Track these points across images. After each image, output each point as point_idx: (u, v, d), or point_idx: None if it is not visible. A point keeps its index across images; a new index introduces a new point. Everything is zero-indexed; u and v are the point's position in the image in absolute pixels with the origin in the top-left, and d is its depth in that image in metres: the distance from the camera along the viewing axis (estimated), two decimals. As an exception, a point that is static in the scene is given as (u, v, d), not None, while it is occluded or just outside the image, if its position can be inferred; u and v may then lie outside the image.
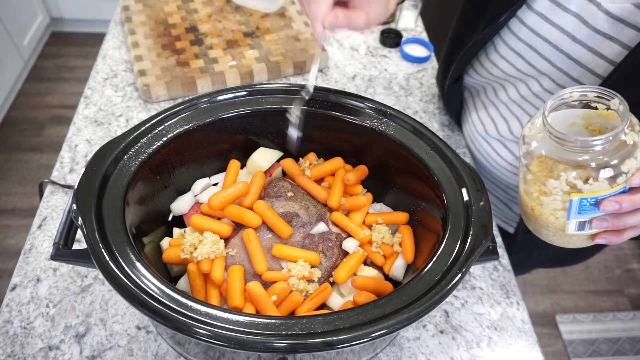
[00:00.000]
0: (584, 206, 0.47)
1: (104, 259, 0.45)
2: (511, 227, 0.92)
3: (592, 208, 0.47)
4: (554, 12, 0.63)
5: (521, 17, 0.68)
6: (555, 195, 0.48)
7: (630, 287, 1.81)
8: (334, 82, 1.04)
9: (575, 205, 0.47)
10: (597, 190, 0.46)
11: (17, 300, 0.66)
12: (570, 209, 0.48)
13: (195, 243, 0.56)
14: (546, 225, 0.52)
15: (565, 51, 0.64)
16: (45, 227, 0.74)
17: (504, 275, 0.73)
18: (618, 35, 0.58)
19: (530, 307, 1.71)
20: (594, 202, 0.46)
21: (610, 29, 0.58)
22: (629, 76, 0.57)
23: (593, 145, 0.44)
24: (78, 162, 0.84)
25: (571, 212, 0.48)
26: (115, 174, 0.54)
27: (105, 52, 1.07)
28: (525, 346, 0.65)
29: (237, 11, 1.14)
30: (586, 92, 0.48)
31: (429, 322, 0.67)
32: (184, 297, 0.44)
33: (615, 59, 0.59)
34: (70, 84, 2.43)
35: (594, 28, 0.59)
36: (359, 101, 0.64)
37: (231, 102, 0.63)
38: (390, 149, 0.62)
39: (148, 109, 0.94)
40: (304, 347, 0.41)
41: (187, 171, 0.65)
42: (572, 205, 0.47)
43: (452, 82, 0.86)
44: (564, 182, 0.47)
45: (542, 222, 0.52)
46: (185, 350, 0.58)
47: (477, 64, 0.81)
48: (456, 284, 0.46)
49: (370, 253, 0.60)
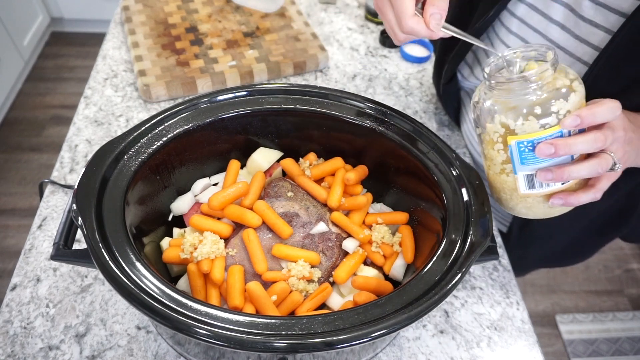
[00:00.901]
0: (523, 153, 0.48)
1: (104, 259, 0.45)
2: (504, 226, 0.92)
3: (532, 156, 0.48)
4: (544, 3, 0.64)
5: (512, 9, 0.68)
6: (498, 144, 0.49)
7: (630, 287, 1.81)
8: (334, 82, 1.04)
9: (516, 152, 0.48)
10: (530, 132, 0.47)
11: (17, 300, 0.66)
12: (512, 159, 0.49)
13: (195, 243, 0.56)
14: (502, 188, 0.53)
15: (555, 40, 0.64)
16: (45, 227, 0.74)
17: (504, 275, 0.73)
18: (603, 22, 0.58)
19: (530, 307, 1.71)
20: (532, 147, 0.47)
21: (596, 15, 0.58)
22: (613, 61, 0.57)
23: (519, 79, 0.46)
24: (78, 162, 0.84)
25: (514, 161, 0.49)
26: (115, 174, 0.54)
27: (105, 52, 1.07)
28: (525, 346, 0.65)
29: (237, 11, 1.14)
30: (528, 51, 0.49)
31: (429, 322, 0.67)
32: (184, 297, 0.44)
33: (600, 44, 0.59)
34: (70, 84, 2.43)
35: (581, 16, 0.60)
36: (359, 101, 0.64)
37: (231, 102, 0.63)
38: (390, 149, 0.62)
39: (148, 109, 0.94)
40: (304, 347, 0.41)
41: (187, 171, 0.65)
42: (513, 152, 0.49)
43: (447, 81, 0.86)
44: (498, 124, 0.48)
45: (498, 185, 0.53)
46: (185, 350, 0.58)
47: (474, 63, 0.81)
48: (456, 284, 0.46)
49: (370, 253, 0.61)
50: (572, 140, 0.46)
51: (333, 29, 1.18)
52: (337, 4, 1.26)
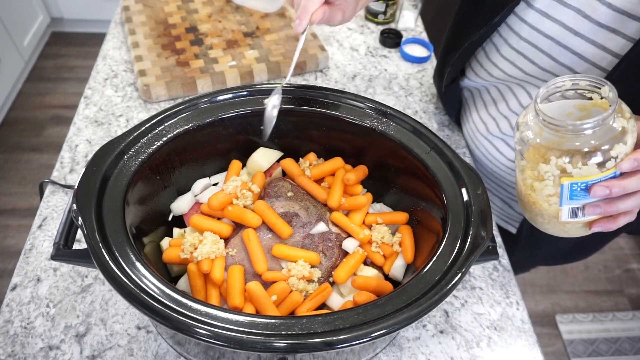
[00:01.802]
0: (575, 191, 0.48)
1: (104, 258, 0.45)
2: (512, 227, 0.91)
3: (583, 194, 0.48)
4: (554, 8, 0.63)
5: (521, 15, 0.67)
6: (547, 181, 0.49)
7: (630, 287, 1.81)
8: (334, 82, 1.04)
9: (567, 190, 0.48)
10: (587, 175, 0.47)
11: (18, 300, 0.66)
12: (562, 195, 0.49)
13: (195, 243, 0.56)
14: (540, 213, 0.53)
15: (568, 46, 0.63)
16: (45, 227, 0.75)
17: (504, 275, 0.73)
18: (621, 28, 0.57)
19: (530, 307, 1.71)
20: (585, 187, 0.47)
21: (614, 22, 0.58)
22: (633, 68, 0.57)
23: (583, 128, 0.45)
24: (78, 162, 0.84)
25: (563, 197, 0.49)
26: (116, 174, 0.54)
27: (105, 52, 1.07)
28: (525, 346, 0.65)
29: (237, 11, 1.14)
30: (578, 80, 0.49)
31: (429, 322, 0.67)
32: (184, 297, 0.44)
33: (620, 52, 0.59)
34: (70, 84, 2.43)
35: (597, 21, 0.59)
36: (359, 101, 0.64)
37: (231, 102, 0.63)
38: (390, 149, 0.62)
39: (148, 109, 0.94)
40: (304, 347, 0.41)
41: (187, 171, 0.65)
42: (564, 190, 0.48)
43: (449, 83, 0.86)
44: (554, 166, 0.48)
45: (537, 210, 0.53)
46: (185, 350, 0.58)
47: (476, 66, 0.81)
48: (456, 284, 0.46)
49: (370, 253, 0.61)
50: (625, 182, 0.47)
51: (333, 29, 1.18)
52: (337, 4, 1.26)
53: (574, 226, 0.52)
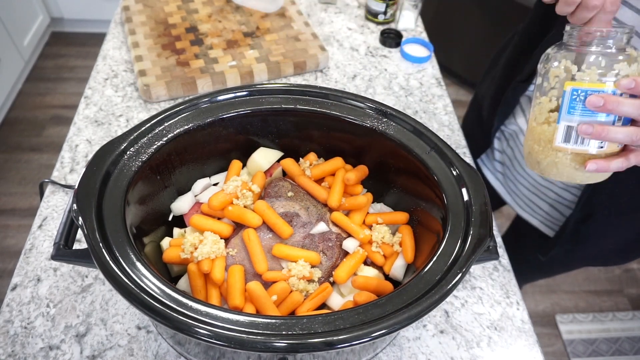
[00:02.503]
0: (574, 101, 0.50)
1: (104, 258, 0.45)
2: (552, 230, 0.90)
3: (581, 107, 0.50)
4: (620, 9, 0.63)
5: None
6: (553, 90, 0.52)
7: (630, 287, 1.81)
8: (334, 82, 1.04)
9: (567, 98, 0.51)
10: (588, 81, 0.49)
11: (18, 300, 0.66)
12: (562, 106, 0.51)
13: (195, 243, 0.56)
14: (539, 139, 0.54)
15: None
16: (45, 227, 0.75)
17: (504, 275, 0.73)
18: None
19: (530, 307, 1.71)
20: (584, 96, 0.50)
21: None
22: None
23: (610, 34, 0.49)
24: (78, 162, 0.84)
25: (562, 108, 0.51)
26: (116, 174, 0.54)
27: (105, 52, 1.07)
28: (525, 346, 0.65)
29: (237, 11, 1.14)
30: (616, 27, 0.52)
31: (429, 322, 0.67)
32: (184, 297, 0.44)
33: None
34: (70, 84, 2.43)
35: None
36: (359, 101, 0.64)
37: (231, 102, 0.63)
38: (390, 149, 0.62)
39: (148, 109, 0.94)
40: (304, 347, 0.41)
41: (188, 171, 0.65)
42: (565, 98, 0.51)
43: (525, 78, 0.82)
44: (562, 66, 0.51)
45: (536, 135, 0.55)
46: (185, 350, 0.58)
47: None
48: (456, 284, 0.46)
49: (371, 253, 0.61)
50: (621, 99, 0.48)
51: (333, 29, 1.18)
52: (337, 4, 1.26)
53: (564, 157, 0.53)
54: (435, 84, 1.05)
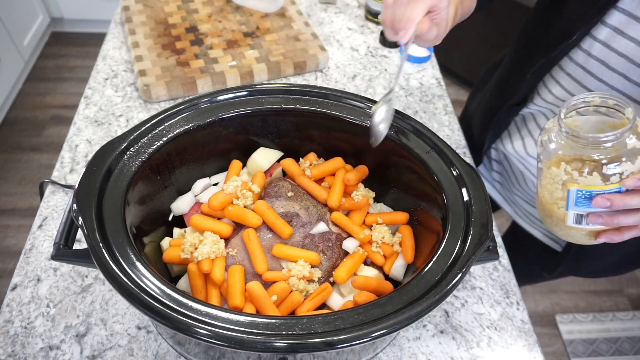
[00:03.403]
0: (579, 198, 0.50)
1: (104, 258, 0.45)
2: (559, 245, 0.89)
3: (587, 202, 0.50)
4: (631, 26, 0.60)
5: (593, 33, 0.64)
6: (557, 184, 0.52)
7: (630, 287, 1.81)
8: (334, 82, 1.04)
9: (573, 196, 0.51)
10: (591, 184, 0.49)
11: (18, 300, 0.66)
12: (568, 199, 0.51)
13: (195, 243, 0.56)
14: (550, 215, 0.55)
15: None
16: (45, 227, 0.75)
17: (504, 275, 0.73)
18: None
19: (530, 307, 1.71)
20: (589, 196, 0.50)
21: None
22: None
23: (599, 141, 0.48)
24: (78, 162, 0.84)
25: (569, 202, 0.52)
26: (116, 174, 0.54)
27: (105, 52, 1.07)
28: (525, 346, 0.65)
29: (237, 11, 1.14)
30: (607, 98, 0.51)
31: (429, 322, 0.67)
32: (184, 297, 0.44)
33: None
34: (70, 84, 2.43)
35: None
36: (359, 101, 0.64)
37: (231, 102, 0.63)
38: (390, 149, 0.62)
39: (148, 109, 0.94)
40: (304, 347, 0.41)
41: (188, 171, 0.65)
42: (570, 196, 0.51)
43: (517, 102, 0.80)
44: (563, 171, 0.51)
45: (547, 211, 0.55)
46: (185, 350, 0.58)
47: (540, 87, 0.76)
48: (456, 284, 0.46)
49: (371, 253, 0.61)
50: (627, 198, 0.48)
51: (333, 29, 1.18)
52: (337, 4, 1.26)
53: (579, 232, 0.54)
54: (435, 84, 1.05)
